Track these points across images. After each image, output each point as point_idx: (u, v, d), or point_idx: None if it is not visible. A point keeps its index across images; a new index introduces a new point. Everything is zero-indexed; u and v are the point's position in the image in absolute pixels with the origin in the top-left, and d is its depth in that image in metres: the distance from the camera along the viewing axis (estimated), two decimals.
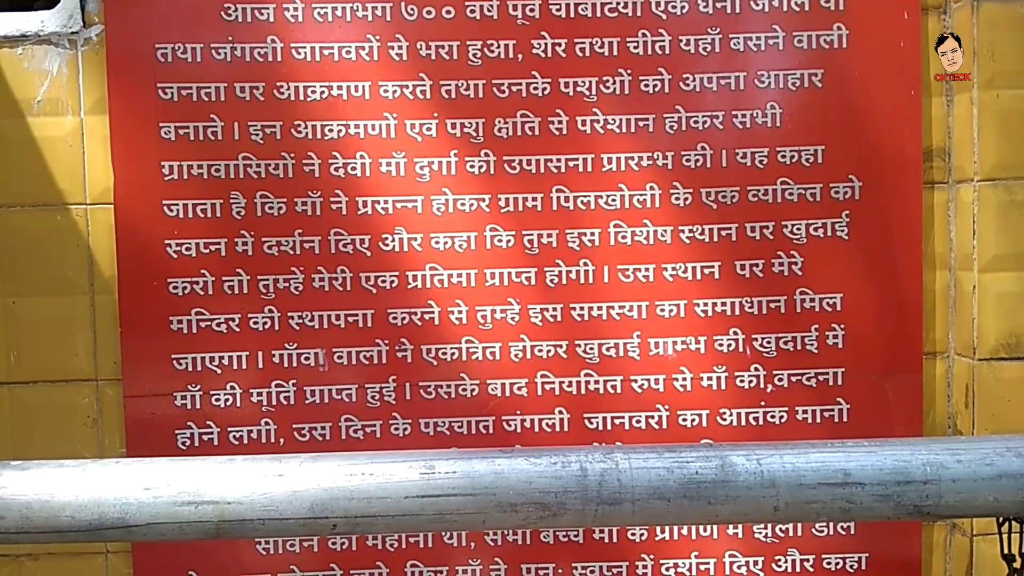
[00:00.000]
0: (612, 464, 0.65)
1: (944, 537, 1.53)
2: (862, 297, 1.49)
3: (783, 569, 1.51)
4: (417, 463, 0.66)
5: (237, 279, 1.47)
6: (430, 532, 0.66)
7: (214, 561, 1.49)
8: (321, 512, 0.64)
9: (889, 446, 0.67)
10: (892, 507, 0.65)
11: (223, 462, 0.66)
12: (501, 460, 0.66)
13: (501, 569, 1.51)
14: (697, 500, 0.64)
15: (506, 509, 0.64)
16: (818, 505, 0.65)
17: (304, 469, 0.65)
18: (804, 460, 0.66)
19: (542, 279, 1.49)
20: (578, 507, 0.64)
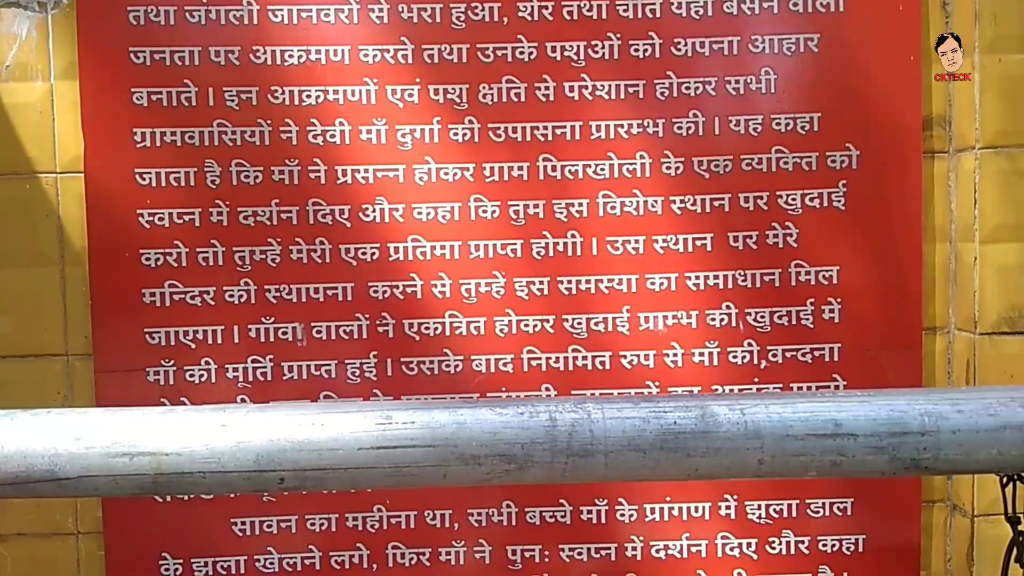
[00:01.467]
0: (584, 414, 0.60)
1: (944, 519, 1.48)
2: (859, 270, 1.44)
3: (777, 551, 1.46)
4: (373, 413, 0.61)
5: (212, 250, 1.42)
6: (386, 487, 0.61)
7: (188, 542, 1.44)
8: (267, 465, 0.58)
9: (884, 396, 0.62)
10: (887, 461, 0.60)
11: (162, 412, 0.61)
12: (464, 410, 0.61)
13: (486, 551, 1.46)
14: (675, 452, 0.59)
15: (468, 462, 0.59)
16: (806, 458, 0.60)
17: (249, 419, 0.60)
18: (791, 410, 0.61)
19: (528, 251, 1.43)
20: (547, 459, 0.59)
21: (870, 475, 0.60)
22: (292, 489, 0.60)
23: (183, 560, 1.44)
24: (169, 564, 1.44)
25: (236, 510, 1.44)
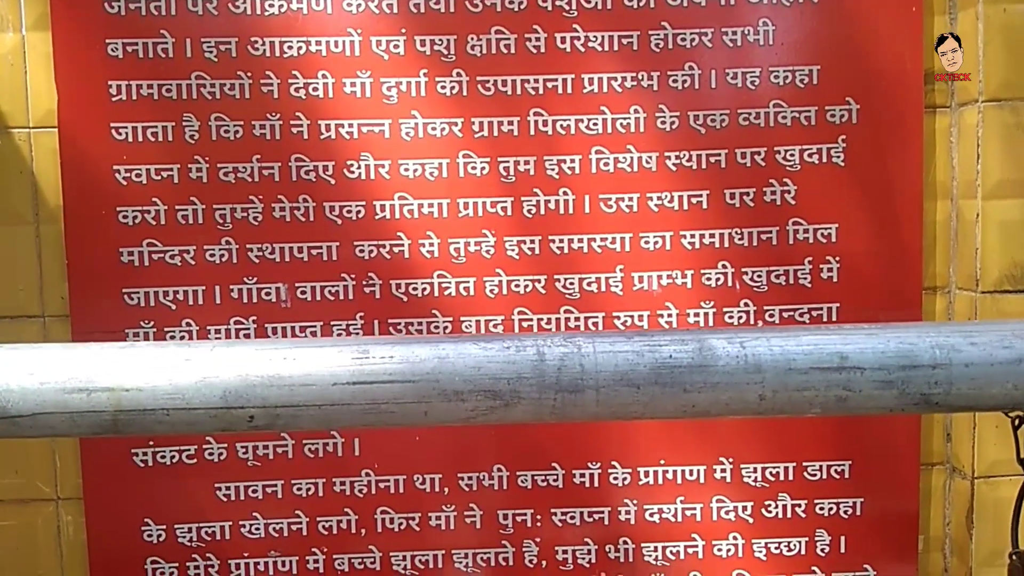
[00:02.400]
0: (574, 348, 0.56)
1: (943, 481, 1.45)
2: (859, 228, 1.41)
3: (773, 515, 1.44)
4: (348, 347, 0.57)
5: (191, 208, 1.37)
6: (364, 426, 0.57)
7: (171, 508, 1.40)
8: (235, 401, 0.55)
9: (893, 329, 0.58)
10: (895, 396, 0.56)
11: (121, 347, 0.57)
12: (446, 345, 0.57)
13: (476, 516, 1.43)
14: (671, 387, 0.56)
15: (451, 398, 0.55)
16: (810, 393, 0.56)
17: (216, 354, 0.56)
18: (795, 343, 0.57)
19: (519, 209, 1.39)
20: (534, 395, 0.56)
21: (877, 412, 0.56)
22: (263, 428, 0.56)
23: (166, 526, 1.41)
24: (152, 530, 1.40)
25: (220, 475, 1.40)
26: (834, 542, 1.44)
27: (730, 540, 1.44)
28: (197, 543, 1.41)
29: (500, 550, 1.43)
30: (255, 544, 1.42)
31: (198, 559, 1.41)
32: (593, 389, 0.57)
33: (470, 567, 1.44)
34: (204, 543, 1.41)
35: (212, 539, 1.41)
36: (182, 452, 1.40)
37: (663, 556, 1.44)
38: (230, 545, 1.41)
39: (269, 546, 1.42)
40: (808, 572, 1.45)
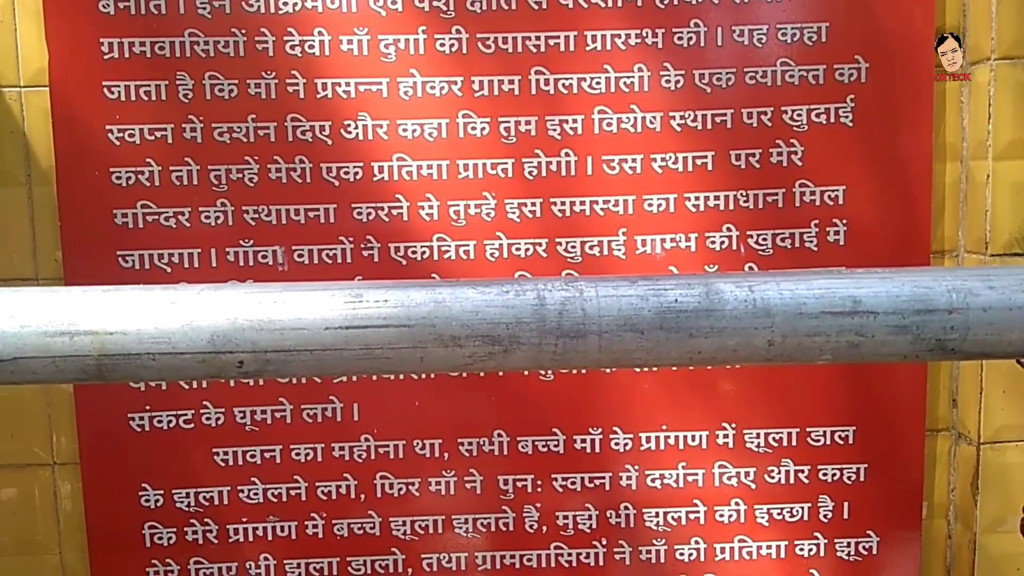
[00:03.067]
0: (575, 292, 0.54)
1: (948, 448, 1.44)
2: (866, 190, 1.38)
3: (776, 481, 1.43)
4: (341, 291, 0.55)
5: (185, 169, 1.34)
6: (358, 372, 0.55)
7: (168, 473, 1.39)
8: (223, 346, 0.52)
9: (907, 272, 0.56)
10: (910, 342, 0.54)
11: (105, 290, 0.55)
12: (443, 289, 0.55)
13: (477, 481, 1.42)
14: (676, 332, 0.53)
15: (448, 343, 0.53)
16: (821, 339, 0.54)
17: (203, 298, 0.54)
18: (805, 287, 0.55)
19: (520, 171, 1.37)
20: (534, 341, 0.53)
21: (891, 358, 0.54)
22: (253, 374, 0.54)
23: (163, 491, 1.40)
24: (149, 495, 1.39)
25: (218, 440, 1.39)
26: (837, 508, 1.43)
27: (732, 506, 1.43)
28: (195, 508, 1.40)
29: (500, 515, 1.42)
30: (253, 509, 1.41)
31: (196, 524, 1.40)
32: (595, 334, 0.55)
33: (470, 532, 1.43)
34: (202, 508, 1.40)
35: (210, 504, 1.40)
36: (179, 417, 1.38)
37: (664, 522, 1.43)
38: (228, 510, 1.40)
39: (268, 511, 1.41)
40: (810, 538, 1.44)
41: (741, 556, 1.44)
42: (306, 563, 1.42)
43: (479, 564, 1.43)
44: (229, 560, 1.41)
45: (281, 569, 1.42)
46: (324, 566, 1.42)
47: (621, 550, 1.43)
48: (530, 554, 1.43)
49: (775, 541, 1.44)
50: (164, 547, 1.40)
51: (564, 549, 1.43)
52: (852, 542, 1.44)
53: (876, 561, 1.44)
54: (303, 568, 1.42)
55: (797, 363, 0.57)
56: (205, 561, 1.41)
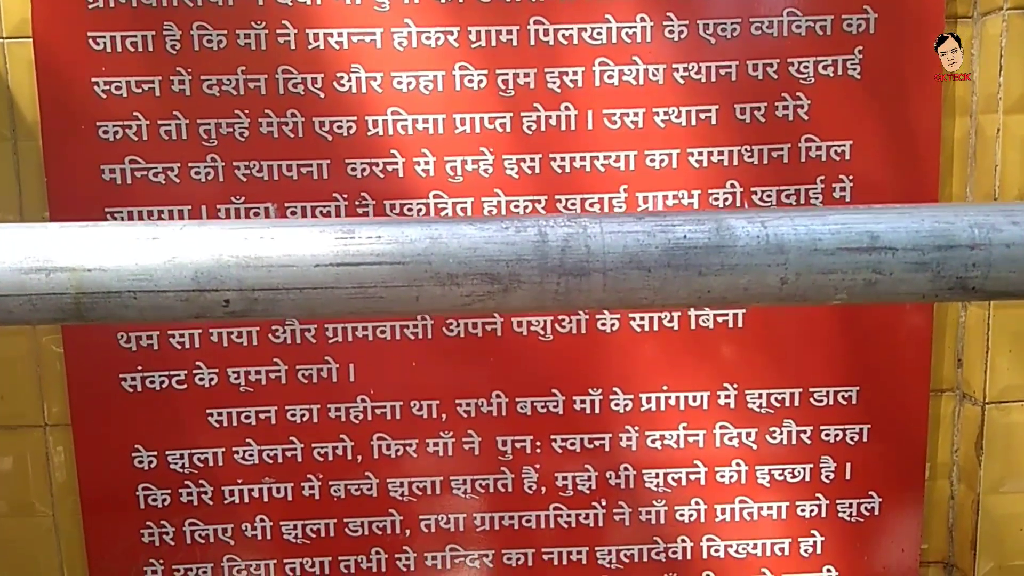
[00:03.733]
0: (579, 229, 0.51)
1: (952, 408, 1.42)
2: (873, 145, 1.35)
3: (778, 441, 1.41)
4: (332, 227, 0.52)
5: (174, 123, 1.31)
6: (350, 313, 0.52)
7: (161, 434, 1.37)
8: (208, 283, 0.50)
9: (927, 208, 0.53)
10: (929, 279, 0.51)
11: (83, 226, 0.52)
12: (439, 226, 0.52)
13: (475, 442, 1.40)
14: (684, 270, 0.51)
15: (444, 282, 0.50)
16: (836, 276, 0.51)
17: (187, 233, 0.51)
18: (821, 222, 0.52)
19: (518, 125, 1.33)
20: (535, 279, 0.51)
21: (909, 297, 0.52)
22: (240, 314, 0.51)
23: (157, 453, 1.38)
24: (143, 456, 1.38)
25: (211, 401, 1.37)
26: (839, 469, 1.41)
27: (733, 467, 1.41)
28: (189, 470, 1.38)
29: (499, 477, 1.41)
30: (249, 471, 1.39)
31: (191, 485, 1.39)
32: (600, 272, 0.52)
33: (468, 494, 1.41)
34: (196, 470, 1.38)
35: (204, 465, 1.38)
36: (172, 377, 1.36)
37: (664, 483, 1.41)
38: (223, 472, 1.39)
39: (263, 473, 1.39)
40: (812, 499, 1.42)
41: (742, 517, 1.43)
42: (302, 524, 1.41)
43: (477, 525, 1.42)
44: (224, 522, 1.40)
45: (277, 531, 1.41)
46: (321, 527, 1.41)
47: (621, 511, 1.42)
48: (529, 515, 1.42)
49: (776, 502, 1.43)
50: (158, 509, 1.39)
51: (563, 510, 1.42)
52: (854, 503, 1.42)
53: (878, 522, 1.43)
54: (299, 530, 1.41)
55: (811, 303, 0.54)
56: (200, 523, 1.40)
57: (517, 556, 1.43)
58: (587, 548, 1.43)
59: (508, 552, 1.43)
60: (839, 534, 1.43)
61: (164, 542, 1.40)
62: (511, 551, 1.43)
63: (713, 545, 1.43)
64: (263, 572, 1.42)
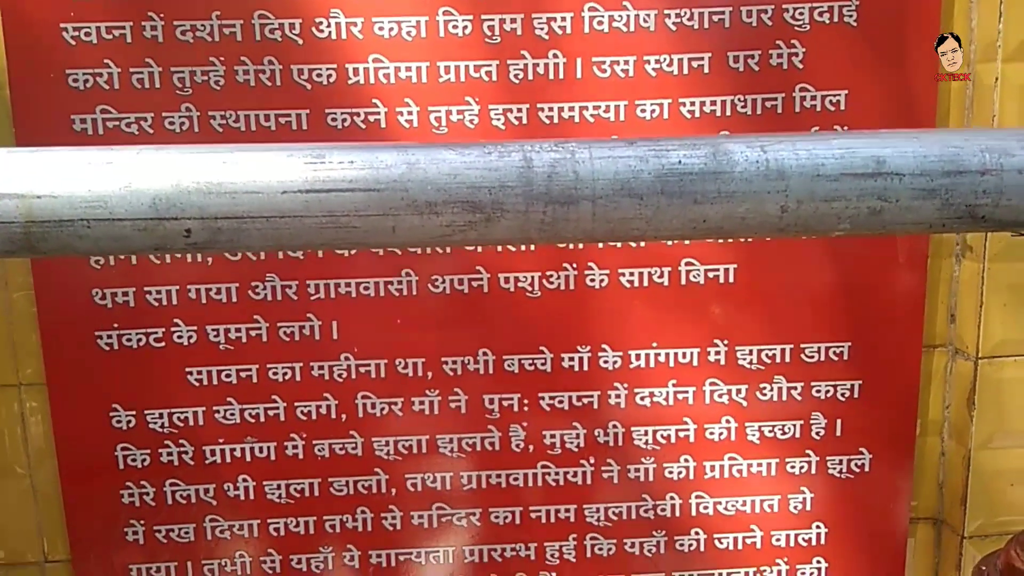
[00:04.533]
0: (566, 154, 0.48)
1: (944, 364, 1.41)
2: (869, 95, 1.31)
3: (768, 398, 1.39)
4: (300, 152, 0.49)
5: (147, 71, 1.25)
6: (321, 245, 0.49)
7: (140, 394, 1.34)
8: (167, 211, 0.46)
9: (935, 133, 0.51)
10: (937, 207, 0.48)
11: (33, 151, 0.49)
12: (416, 151, 0.49)
13: (461, 401, 1.38)
14: (679, 197, 0.48)
15: (423, 210, 0.47)
16: (840, 204, 0.48)
17: (144, 158, 0.47)
18: (824, 147, 0.49)
19: (504, 74, 1.29)
20: (520, 208, 0.47)
21: (915, 228, 0.49)
22: (203, 247, 0.47)
23: (135, 412, 1.34)
24: (121, 416, 1.34)
25: (190, 359, 1.34)
26: (829, 425, 1.40)
27: (722, 424, 1.40)
28: (169, 429, 1.35)
29: (486, 435, 1.39)
30: (230, 430, 1.36)
31: (171, 445, 1.36)
32: (589, 200, 0.49)
33: (455, 453, 1.39)
34: (176, 429, 1.35)
35: (185, 425, 1.35)
36: (149, 335, 1.32)
37: (653, 440, 1.40)
38: (204, 431, 1.36)
39: (245, 432, 1.36)
40: (802, 456, 1.41)
41: (731, 474, 1.41)
42: (286, 484, 1.39)
43: (464, 484, 1.40)
44: (206, 482, 1.37)
45: (260, 491, 1.39)
46: (305, 487, 1.39)
47: (609, 469, 1.40)
48: (516, 473, 1.40)
49: (766, 459, 1.41)
50: (138, 469, 1.36)
51: (551, 468, 1.40)
52: (844, 460, 1.41)
53: (868, 478, 1.42)
54: (283, 489, 1.39)
55: (811, 233, 0.51)
56: (181, 483, 1.37)
57: (504, 515, 1.41)
58: (575, 506, 1.41)
59: (495, 511, 1.41)
60: (829, 491, 1.42)
61: (144, 503, 1.37)
62: (498, 510, 1.41)
63: (702, 502, 1.42)
64: (246, 533, 1.40)
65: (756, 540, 1.44)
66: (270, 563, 1.41)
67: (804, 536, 1.44)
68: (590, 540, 1.43)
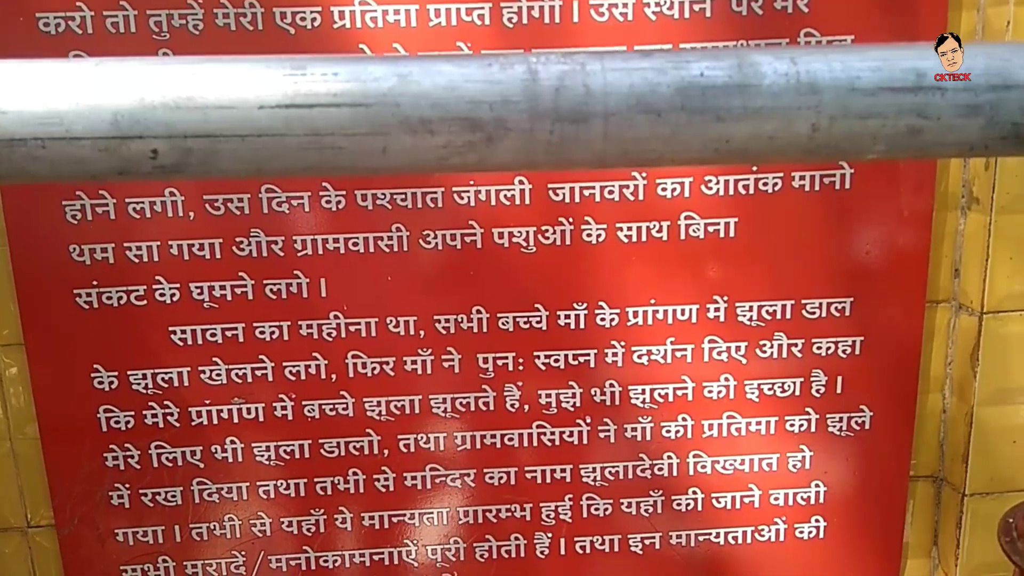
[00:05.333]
0: (576, 66, 0.43)
1: (948, 320, 1.38)
2: (876, 39, 1.26)
3: (768, 355, 1.36)
4: (279, 63, 0.44)
5: (122, 14, 1.19)
6: (305, 170, 0.44)
7: (122, 354, 1.30)
8: (131, 129, 0.41)
9: (980, 46, 0.46)
10: (981, 127, 0.44)
11: None
12: (409, 63, 0.44)
13: (455, 360, 1.34)
14: (701, 115, 0.43)
15: (416, 129, 0.42)
16: (876, 121, 0.44)
17: (104, 70, 0.42)
18: (859, 59, 0.45)
19: (498, 17, 1.23)
20: (524, 126, 0.43)
21: (956, 149, 0.44)
22: (172, 170, 0.43)
23: (118, 373, 1.30)
24: (103, 377, 1.30)
25: (174, 318, 1.29)
26: (830, 383, 1.37)
27: (721, 382, 1.37)
28: (153, 390, 1.31)
29: (480, 395, 1.35)
30: (217, 391, 1.32)
31: (155, 407, 1.32)
32: (601, 117, 0.44)
33: (449, 413, 1.36)
34: (161, 390, 1.31)
35: (169, 386, 1.31)
36: (130, 293, 1.28)
37: (651, 399, 1.37)
38: (189, 392, 1.32)
39: (232, 393, 1.32)
40: (801, 414, 1.39)
41: (729, 433, 1.39)
42: (275, 446, 1.35)
43: (458, 445, 1.37)
44: (193, 444, 1.34)
45: (249, 453, 1.35)
46: (295, 449, 1.35)
47: (606, 428, 1.37)
48: (511, 433, 1.37)
49: (765, 417, 1.39)
50: (122, 431, 1.32)
51: (547, 428, 1.37)
52: (844, 417, 1.39)
53: (868, 436, 1.39)
54: (272, 451, 1.35)
55: (843, 156, 0.47)
56: (167, 445, 1.33)
57: (499, 475, 1.38)
58: (571, 466, 1.39)
59: (490, 471, 1.38)
60: (828, 449, 1.40)
61: (129, 466, 1.34)
62: (493, 470, 1.38)
63: (700, 461, 1.40)
64: (235, 495, 1.36)
65: (754, 499, 1.42)
66: (260, 526, 1.38)
67: (803, 495, 1.42)
68: (586, 500, 1.40)
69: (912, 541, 1.46)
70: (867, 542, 1.45)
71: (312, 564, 1.40)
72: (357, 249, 1.29)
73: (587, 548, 1.42)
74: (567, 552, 1.42)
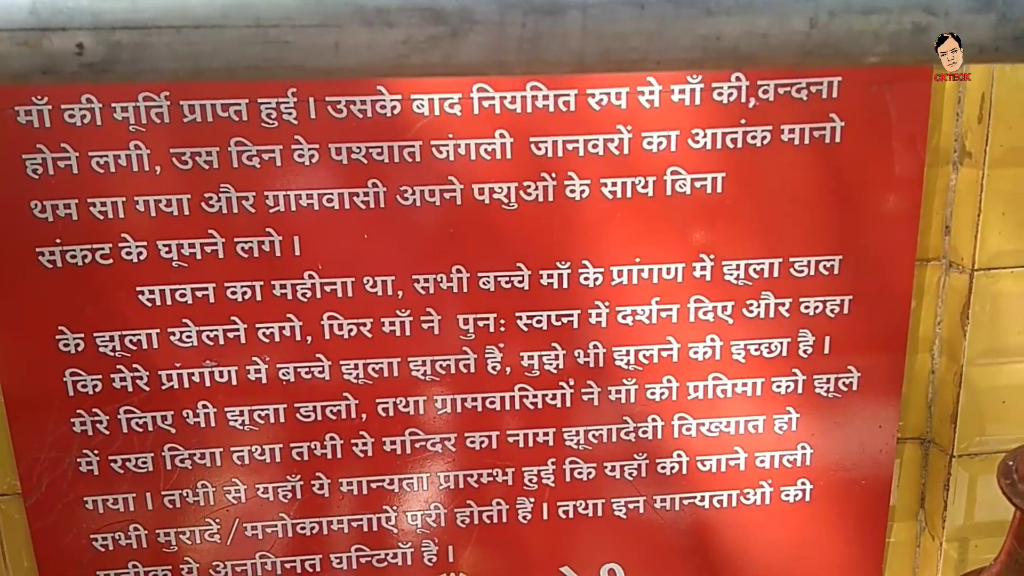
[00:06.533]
0: None
1: (937, 279, 1.35)
2: None
3: (755, 315, 1.33)
4: None
5: None
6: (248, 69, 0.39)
7: (88, 315, 1.25)
8: (52, 20, 0.37)
9: None
10: (992, 25, 0.40)
11: None
12: None
13: (434, 321, 1.30)
14: (689, 7, 0.39)
15: (372, 20, 0.38)
16: (878, 19, 0.40)
17: None
18: None
19: None
20: (493, 18, 0.39)
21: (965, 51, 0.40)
22: (101, 67, 0.38)
23: (84, 335, 1.25)
24: (68, 339, 1.25)
25: (141, 278, 1.24)
26: (818, 342, 1.35)
27: (707, 342, 1.34)
28: (121, 353, 1.27)
29: (461, 357, 1.32)
30: (187, 354, 1.28)
31: (123, 370, 1.27)
32: (578, 9, 0.40)
33: (428, 375, 1.32)
34: (129, 352, 1.27)
35: (138, 348, 1.27)
36: (95, 251, 1.23)
37: (635, 360, 1.34)
38: (159, 355, 1.27)
39: (204, 356, 1.28)
40: (788, 374, 1.36)
41: (715, 395, 1.36)
42: (249, 410, 1.31)
43: (439, 408, 1.34)
44: (163, 409, 1.29)
45: (222, 418, 1.31)
46: (270, 413, 1.31)
47: (589, 391, 1.34)
48: (493, 396, 1.33)
49: (751, 379, 1.36)
50: (89, 396, 1.28)
51: (529, 391, 1.34)
52: (832, 378, 1.36)
53: (855, 397, 1.37)
54: (246, 415, 1.31)
55: (842, 59, 0.43)
56: (136, 410, 1.29)
57: (481, 439, 1.35)
58: (554, 430, 1.36)
59: (471, 435, 1.35)
60: (815, 410, 1.38)
61: (98, 431, 1.29)
62: (474, 434, 1.35)
63: (685, 424, 1.37)
64: (208, 461, 1.32)
65: (740, 462, 1.40)
66: (235, 493, 1.35)
67: (789, 457, 1.40)
68: (569, 464, 1.37)
69: (899, 504, 1.45)
70: (853, 505, 1.43)
71: (289, 531, 1.37)
72: (332, 206, 1.24)
73: (570, 513, 1.40)
74: (550, 517, 1.40)
